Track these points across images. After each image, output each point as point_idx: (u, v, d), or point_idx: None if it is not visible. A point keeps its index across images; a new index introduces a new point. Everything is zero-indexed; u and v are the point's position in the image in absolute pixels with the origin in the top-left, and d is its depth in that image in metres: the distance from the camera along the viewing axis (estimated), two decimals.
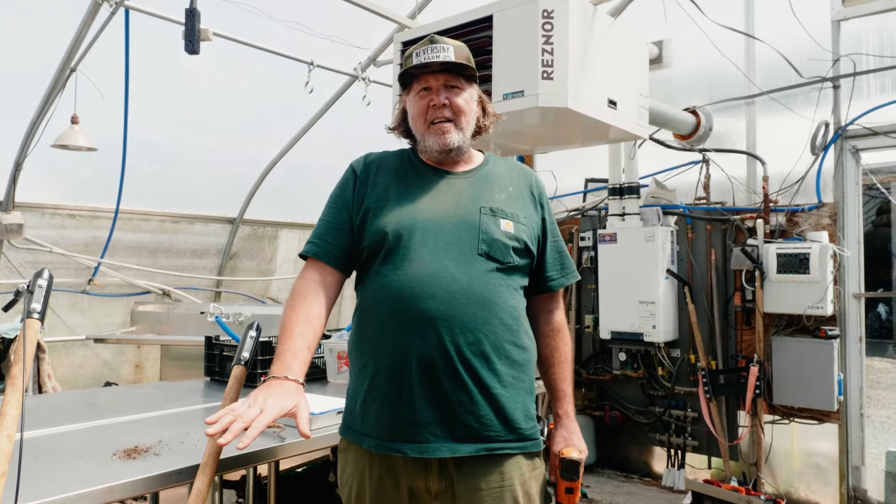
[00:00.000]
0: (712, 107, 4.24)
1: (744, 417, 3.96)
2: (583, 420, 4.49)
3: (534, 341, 1.57)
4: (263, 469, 2.66)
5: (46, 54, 3.53)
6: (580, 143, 3.29)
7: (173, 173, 4.87)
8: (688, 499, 3.88)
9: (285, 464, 3.09)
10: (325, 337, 3.03)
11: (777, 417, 3.90)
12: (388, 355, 1.45)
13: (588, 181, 4.82)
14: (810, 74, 3.81)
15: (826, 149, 3.75)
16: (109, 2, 3.23)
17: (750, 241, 3.88)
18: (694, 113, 4.18)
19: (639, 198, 4.13)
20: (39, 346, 3.77)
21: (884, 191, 3.82)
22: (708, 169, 4.18)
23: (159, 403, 2.27)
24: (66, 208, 4.43)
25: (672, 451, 4.26)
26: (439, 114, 1.54)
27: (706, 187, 4.18)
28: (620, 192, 4.15)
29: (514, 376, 1.47)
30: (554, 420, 1.66)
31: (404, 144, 1.70)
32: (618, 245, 4.07)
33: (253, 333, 1.88)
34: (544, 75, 2.39)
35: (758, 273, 3.79)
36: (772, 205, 3.90)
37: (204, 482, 1.43)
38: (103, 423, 2.00)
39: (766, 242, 3.81)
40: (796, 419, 3.85)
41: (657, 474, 4.44)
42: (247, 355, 1.81)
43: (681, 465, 4.23)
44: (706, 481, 3.85)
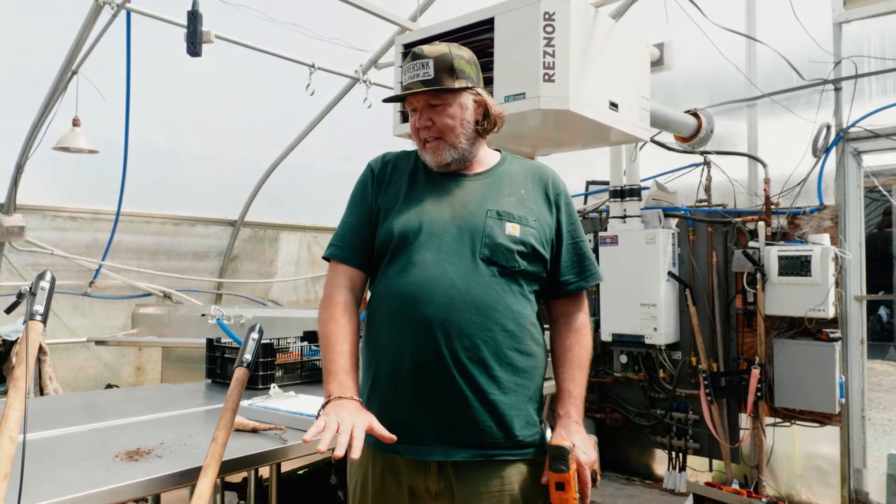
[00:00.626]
0: (713, 109, 4.24)
1: (745, 420, 3.95)
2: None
3: (542, 346, 1.55)
4: (265, 471, 2.65)
5: (48, 56, 3.54)
6: (581, 146, 3.29)
7: (174, 176, 4.87)
8: (689, 501, 3.87)
9: (287, 466, 3.08)
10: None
11: (778, 420, 3.90)
12: (387, 357, 1.47)
13: (589, 183, 4.82)
14: (812, 76, 3.81)
15: (827, 151, 3.75)
16: (111, 4, 3.23)
17: (751, 244, 3.88)
18: (695, 115, 4.19)
19: (640, 200, 4.13)
20: (41, 349, 3.77)
21: (885, 193, 3.82)
22: (709, 171, 4.17)
23: (161, 405, 2.27)
24: (67, 210, 4.43)
25: (673, 454, 4.26)
26: (425, 135, 1.54)
27: (707, 189, 4.17)
28: (621, 194, 4.15)
29: (516, 383, 1.46)
30: (555, 422, 1.64)
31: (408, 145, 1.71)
32: (619, 247, 4.07)
33: (255, 336, 1.88)
34: (546, 77, 2.39)
35: (759, 275, 3.78)
36: (773, 207, 3.90)
37: (206, 484, 1.43)
38: (105, 425, 2.00)
39: (767, 245, 3.81)
40: (798, 422, 3.84)
41: (658, 477, 4.43)
42: (249, 357, 1.81)
43: (682, 468, 4.22)
44: (707, 484, 3.84)
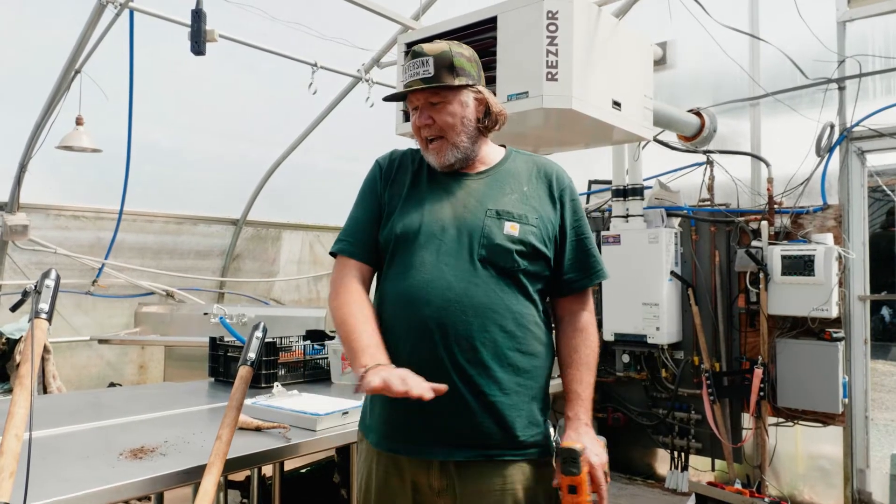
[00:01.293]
0: (716, 108, 4.24)
1: (748, 420, 3.94)
2: None
3: (547, 346, 1.53)
4: (268, 469, 2.66)
5: (51, 55, 3.54)
6: (584, 145, 3.29)
7: (177, 175, 4.88)
8: (691, 501, 3.87)
9: (290, 464, 3.09)
10: (329, 338, 3.03)
11: (781, 420, 3.89)
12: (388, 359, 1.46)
13: (591, 182, 4.82)
14: (815, 75, 3.80)
15: (831, 150, 3.74)
16: (114, 3, 3.24)
17: (754, 243, 3.87)
18: (698, 114, 4.18)
19: (642, 199, 4.12)
20: (45, 347, 3.77)
21: (889, 192, 3.81)
22: (712, 170, 4.17)
23: (164, 404, 2.28)
24: (70, 209, 4.44)
25: (675, 454, 4.25)
26: (426, 133, 1.53)
27: (710, 189, 4.17)
28: (624, 193, 4.15)
29: (518, 383, 1.45)
30: (564, 424, 1.59)
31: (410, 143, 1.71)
32: (621, 247, 4.06)
33: (259, 334, 1.88)
34: (549, 76, 2.38)
35: (762, 275, 3.78)
36: (776, 206, 3.89)
37: (210, 482, 1.43)
38: (109, 423, 2.00)
39: (770, 244, 3.81)
40: (800, 422, 3.84)
41: (660, 476, 4.43)
42: (253, 356, 1.82)
43: (684, 468, 4.22)
44: (710, 483, 3.84)
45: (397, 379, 1.26)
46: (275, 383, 2.34)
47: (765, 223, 3.86)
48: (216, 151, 4.86)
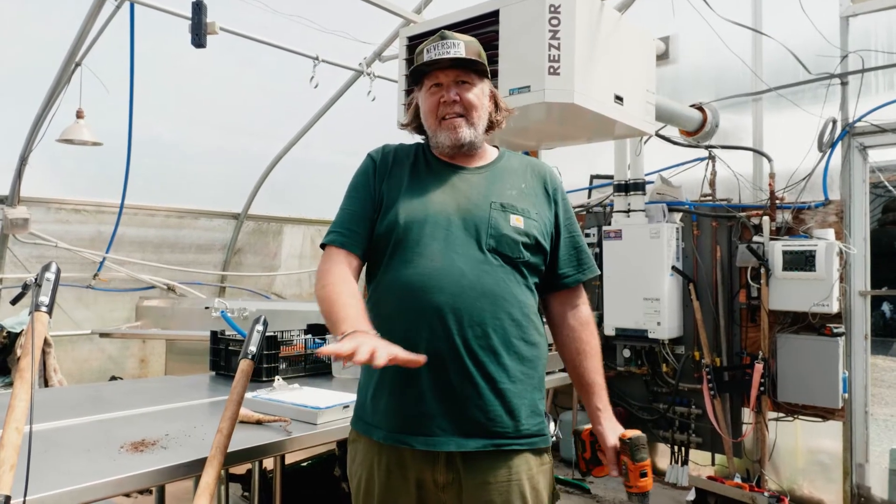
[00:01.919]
0: (719, 103, 4.22)
1: (748, 414, 3.95)
2: (586, 417, 4.48)
3: (544, 337, 1.56)
4: (269, 463, 2.66)
5: (51, 48, 3.53)
6: (586, 139, 3.28)
7: (178, 168, 4.87)
8: (691, 495, 3.88)
9: (291, 458, 3.10)
10: (329, 332, 3.03)
11: (781, 415, 3.90)
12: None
13: (593, 177, 4.81)
14: (818, 71, 3.78)
15: (833, 146, 3.73)
16: None
17: (756, 238, 3.87)
18: (700, 109, 4.17)
19: (644, 194, 4.12)
20: (45, 340, 3.78)
21: (891, 188, 3.80)
22: (714, 166, 4.16)
23: (165, 397, 2.28)
24: (71, 203, 4.44)
25: (676, 448, 4.26)
26: (450, 110, 1.54)
27: (712, 184, 4.16)
28: (626, 188, 4.14)
29: (522, 372, 1.47)
30: (591, 416, 1.61)
31: (413, 139, 1.70)
32: (623, 241, 4.06)
33: (260, 328, 1.88)
34: (551, 70, 2.38)
35: (763, 270, 3.77)
36: (778, 202, 3.88)
37: (212, 475, 1.43)
38: (110, 416, 2.00)
39: (771, 239, 3.80)
40: (800, 416, 3.84)
41: (661, 471, 4.44)
42: (254, 349, 1.82)
43: (684, 462, 4.23)
44: (710, 478, 3.85)
45: (381, 344, 1.20)
46: (276, 377, 2.35)
47: (766, 218, 3.85)
48: (217, 145, 4.85)
